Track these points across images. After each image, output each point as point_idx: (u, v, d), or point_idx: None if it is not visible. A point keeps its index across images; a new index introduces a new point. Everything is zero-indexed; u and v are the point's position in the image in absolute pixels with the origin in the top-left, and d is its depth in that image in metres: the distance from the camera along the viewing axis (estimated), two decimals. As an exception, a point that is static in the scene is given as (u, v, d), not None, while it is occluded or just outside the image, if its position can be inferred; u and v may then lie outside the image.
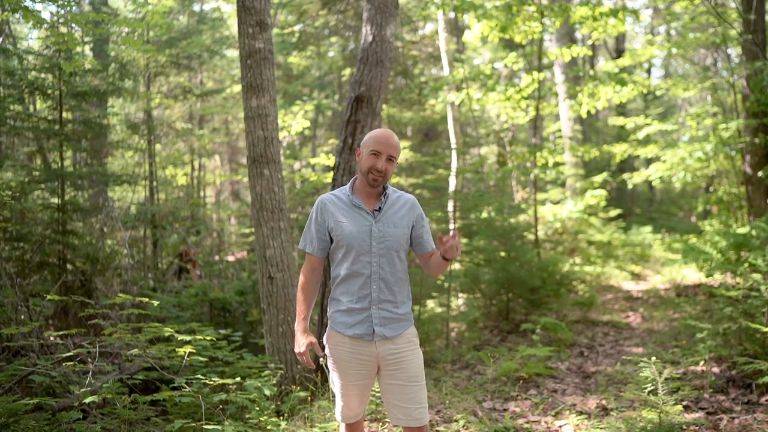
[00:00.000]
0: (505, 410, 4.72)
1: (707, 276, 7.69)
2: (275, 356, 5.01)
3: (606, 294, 10.15)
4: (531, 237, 10.15)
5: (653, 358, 4.25)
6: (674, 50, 11.83)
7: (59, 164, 7.59)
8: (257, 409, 4.15)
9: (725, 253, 7.28)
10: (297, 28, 14.30)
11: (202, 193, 16.53)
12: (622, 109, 19.86)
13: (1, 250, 6.18)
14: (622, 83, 10.00)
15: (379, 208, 2.83)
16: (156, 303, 4.71)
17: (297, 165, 15.34)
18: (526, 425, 4.34)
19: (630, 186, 16.28)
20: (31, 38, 14.59)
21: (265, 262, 5.05)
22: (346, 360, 2.84)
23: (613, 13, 9.46)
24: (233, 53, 15.13)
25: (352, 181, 2.93)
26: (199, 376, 4.12)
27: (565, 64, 14.48)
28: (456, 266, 8.65)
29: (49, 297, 4.36)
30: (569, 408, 4.69)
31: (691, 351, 5.57)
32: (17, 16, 7.80)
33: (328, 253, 2.92)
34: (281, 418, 4.36)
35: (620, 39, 21.18)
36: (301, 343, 2.85)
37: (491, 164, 16.28)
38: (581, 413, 4.54)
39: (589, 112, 11.31)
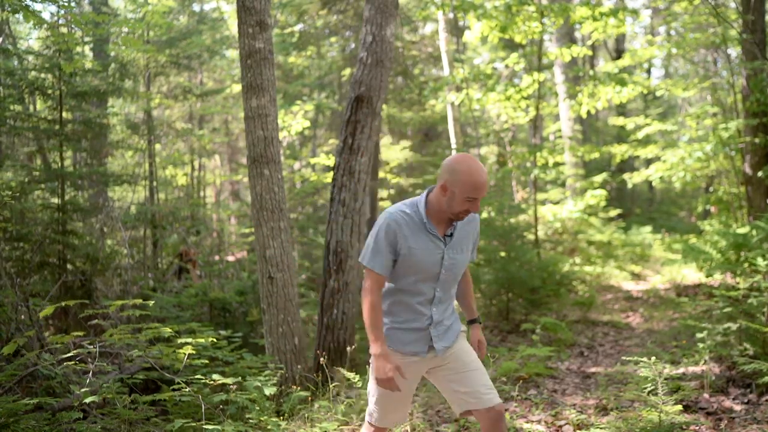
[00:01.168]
0: (505, 410, 4.72)
1: (707, 276, 7.69)
2: (275, 356, 5.01)
3: (606, 294, 10.15)
4: (531, 237, 10.15)
5: (653, 358, 4.25)
6: (674, 50, 11.83)
7: (59, 164, 7.59)
8: (257, 409, 4.14)
9: (725, 253, 7.27)
10: (297, 28, 14.30)
11: (202, 193, 16.53)
12: (622, 109, 19.86)
13: (1, 250, 6.18)
14: (622, 83, 10.01)
15: (451, 234, 2.71)
16: (152, 303, 4.71)
17: (297, 165, 15.34)
18: (526, 425, 4.34)
19: (630, 186, 16.28)
20: (31, 38, 14.59)
21: (265, 262, 5.05)
22: (401, 367, 2.75)
23: (613, 13, 9.47)
24: (233, 53, 15.13)
25: (425, 198, 2.69)
26: (199, 376, 4.11)
27: (565, 64, 14.48)
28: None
29: (43, 313, 4.36)
30: (569, 408, 4.69)
31: (691, 351, 5.56)
32: (17, 16, 7.80)
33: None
34: (281, 418, 4.36)
35: (620, 39, 21.18)
36: (387, 368, 2.60)
37: (491, 164, 16.28)
38: (581, 413, 4.53)
39: (589, 112, 11.31)
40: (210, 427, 3.68)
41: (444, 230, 2.70)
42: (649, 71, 20.74)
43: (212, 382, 4.10)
